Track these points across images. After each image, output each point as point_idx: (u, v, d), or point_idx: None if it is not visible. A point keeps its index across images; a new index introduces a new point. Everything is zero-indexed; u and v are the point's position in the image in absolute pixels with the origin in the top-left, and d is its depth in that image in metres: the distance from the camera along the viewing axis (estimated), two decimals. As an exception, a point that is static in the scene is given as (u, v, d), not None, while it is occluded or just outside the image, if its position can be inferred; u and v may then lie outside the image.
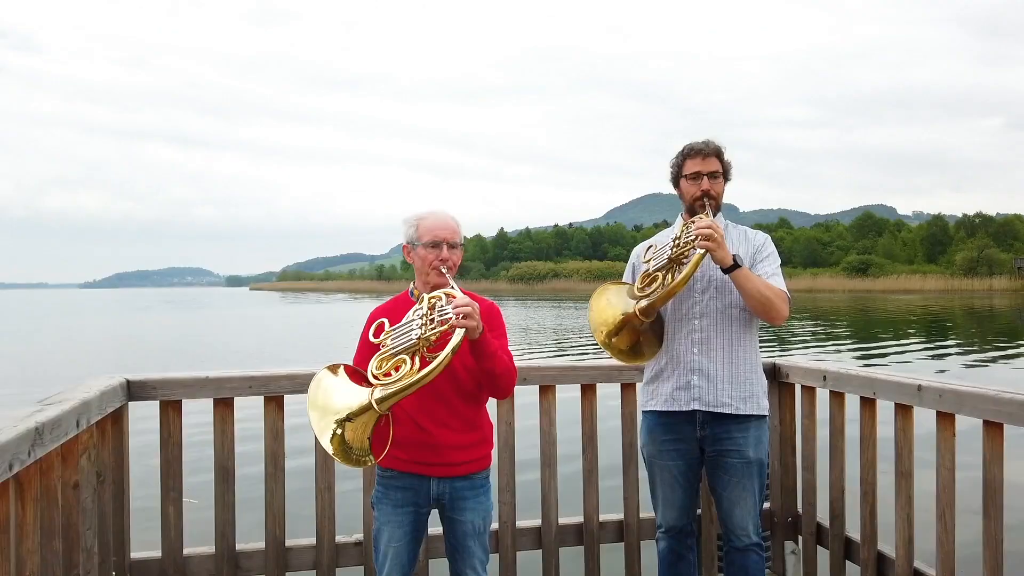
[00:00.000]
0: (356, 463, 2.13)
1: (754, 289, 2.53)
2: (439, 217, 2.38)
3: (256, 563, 3.02)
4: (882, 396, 2.93)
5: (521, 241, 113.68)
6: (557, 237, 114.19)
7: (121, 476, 2.83)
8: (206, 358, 18.26)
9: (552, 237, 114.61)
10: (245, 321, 36.46)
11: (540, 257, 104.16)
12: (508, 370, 2.29)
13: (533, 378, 3.25)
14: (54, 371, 14.85)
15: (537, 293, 75.20)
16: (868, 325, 26.03)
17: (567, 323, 27.89)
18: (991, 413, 2.43)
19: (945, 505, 2.65)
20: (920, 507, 2.85)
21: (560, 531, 3.31)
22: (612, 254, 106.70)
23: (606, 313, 2.63)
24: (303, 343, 22.22)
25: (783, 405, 3.52)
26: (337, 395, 2.08)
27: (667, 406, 2.68)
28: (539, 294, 71.77)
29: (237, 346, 21.87)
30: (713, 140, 2.69)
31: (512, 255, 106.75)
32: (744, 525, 2.66)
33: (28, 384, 12.61)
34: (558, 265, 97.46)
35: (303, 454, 3.31)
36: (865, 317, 30.26)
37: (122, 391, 2.75)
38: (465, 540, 2.36)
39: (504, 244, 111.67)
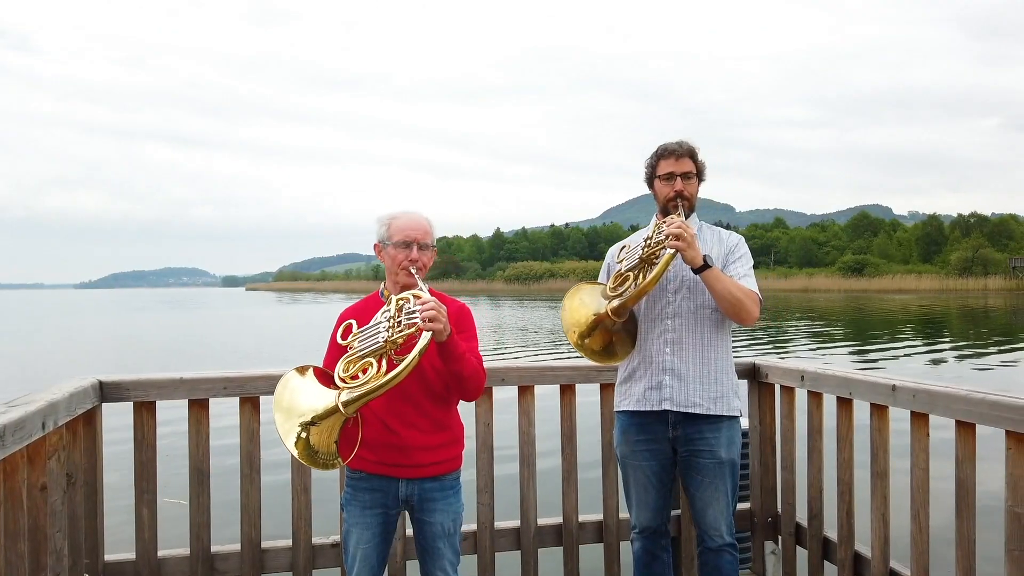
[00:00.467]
0: (323, 466, 2.12)
1: (724, 290, 2.53)
2: (410, 217, 2.37)
3: (232, 565, 3.00)
4: (858, 396, 2.93)
5: (517, 241, 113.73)
6: (553, 237, 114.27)
7: (94, 478, 2.81)
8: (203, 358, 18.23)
9: (548, 237, 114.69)
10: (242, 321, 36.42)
11: (536, 257, 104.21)
12: (476, 372, 2.28)
13: (511, 378, 3.24)
14: (54, 371, 14.80)
15: (533, 293, 75.24)
16: (864, 325, 26.06)
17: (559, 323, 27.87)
18: (962, 413, 2.42)
19: (919, 505, 2.65)
20: (898, 507, 2.85)
21: (539, 532, 3.30)
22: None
23: (578, 313, 2.63)
24: (299, 344, 22.17)
25: (763, 405, 3.52)
26: (303, 397, 2.07)
27: (639, 406, 2.68)
28: (535, 294, 71.83)
29: (233, 346, 21.84)
30: (687, 141, 2.69)
31: (508, 255, 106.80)
32: (717, 526, 2.65)
33: (28, 383, 12.58)
34: (554, 265, 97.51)
35: (279, 455, 3.30)
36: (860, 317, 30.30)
37: (93, 392, 2.74)
38: (435, 541, 2.35)
39: (501, 244, 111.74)
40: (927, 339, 20.45)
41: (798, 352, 16.84)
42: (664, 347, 2.65)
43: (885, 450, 2.83)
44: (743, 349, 17.85)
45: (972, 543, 2.45)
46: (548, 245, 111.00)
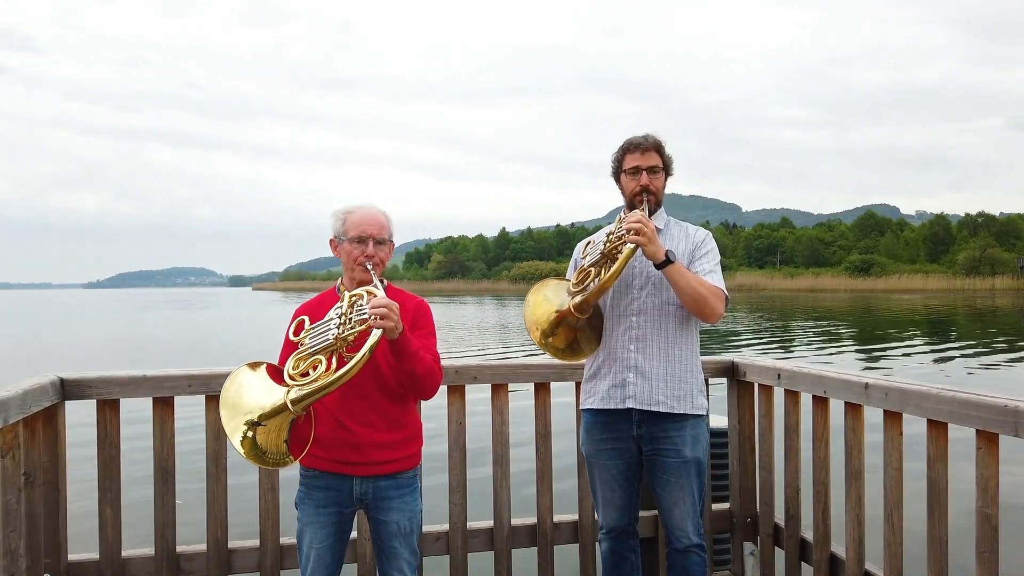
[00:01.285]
0: (273, 465, 2.09)
1: (687, 285, 2.48)
2: (367, 212, 2.32)
3: (198, 565, 2.96)
4: (832, 395, 2.87)
5: (523, 241, 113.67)
6: (559, 237, 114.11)
7: (55, 477, 2.77)
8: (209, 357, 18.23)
9: (554, 237, 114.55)
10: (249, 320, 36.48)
11: (542, 257, 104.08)
12: (430, 371, 2.23)
13: (484, 377, 3.19)
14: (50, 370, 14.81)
15: (538, 293, 74.96)
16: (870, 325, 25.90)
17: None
18: (933, 412, 2.37)
19: (893, 506, 2.59)
20: (875, 507, 2.79)
21: (513, 532, 3.26)
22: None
23: (541, 309, 2.58)
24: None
25: (741, 404, 3.47)
26: (250, 393, 2.03)
27: (603, 404, 2.63)
28: (540, 294, 71.61)
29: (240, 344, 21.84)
30: (653, 134, 2.63)
31: (514, 255, 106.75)
32: (683, 526, 2.60)
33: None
34: (560, 265, 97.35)
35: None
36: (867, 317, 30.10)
37: (53, 389, 2.70)
38: (390, 541, 2.31)
39: (506, 244, 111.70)
40: (934, 339, 20.30)
41: (805, 353, 16.65)
42: (628, 344, 2.60)
43: (860, 449, 2.78)
44: (744, 349, 17.77)
45: (945, 544, 2.40)
46: (554, 245, 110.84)
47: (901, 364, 14.67)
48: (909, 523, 2.61)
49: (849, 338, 20.96)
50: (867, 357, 16.03)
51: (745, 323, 26.60)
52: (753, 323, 26.59)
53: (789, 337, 20.89)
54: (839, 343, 19.26)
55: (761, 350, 17.26)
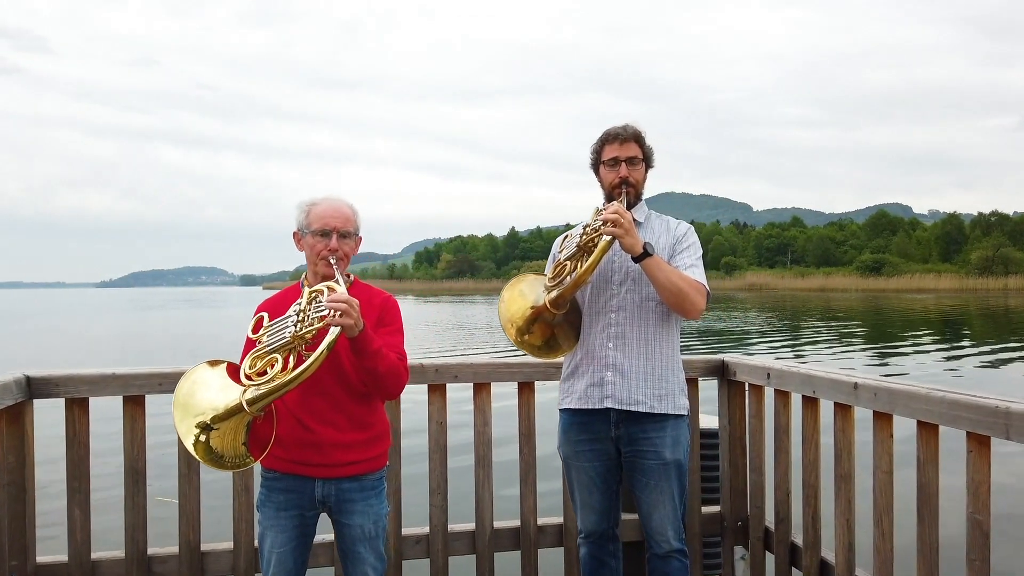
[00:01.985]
0: (233, 468, 2.01)
1: (666, 279, 2.38)
2: (331, 204, 2.24)
3: (170, 568, 2.89)
4: (821, 394, 2.77)
5: (532, 240, 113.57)
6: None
7: (21, 477, 2.71)
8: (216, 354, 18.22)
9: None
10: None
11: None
12: (393, 369, 2.14)
13: (465, 375, 3.11)
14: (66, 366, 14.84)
15: (547, 292, 74.78)
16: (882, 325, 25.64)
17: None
18: (922, 413, 2.27)
19: (882, 510, 2.49)
20: (865, 512, 2.69)
21: (495, 535, 3.17)
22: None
23: (516, 305, 2.48)
24: None
25: (732, 404, 3.37)
26: (204, 393, 1.96)
27: (580, 404, 2.54)
28: (549, 293, 71.46)
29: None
30: (633, 124, 2.54)
31: (523, 254, 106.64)
32: (663, 531, 2.51)
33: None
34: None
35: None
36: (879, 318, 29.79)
37: (17, 388, 2.63)
38: (354, 545, 2.22)
39: (516, 243, 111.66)
40: (947, 339, 20.05)
41: (815, 354, 16.42)
42: (607, 342, 2.50)
43: (849, 452, 2.68)
44: (753, 349, 17.62)
45: (935, 551, 2.30)
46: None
47: (914, 364, 14.46)
48: (901, 528, 2.51)
49: (861, 338, 20.73)
50: (879, 357, 15.82)
51: (755, 323, 26.40)
52: (763, 323, 26.39)
53: (799, 337, 20.69)
54: (850, 343, 19.03)
55: (770, 351, 17.08)
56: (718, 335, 21.29)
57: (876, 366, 14.17)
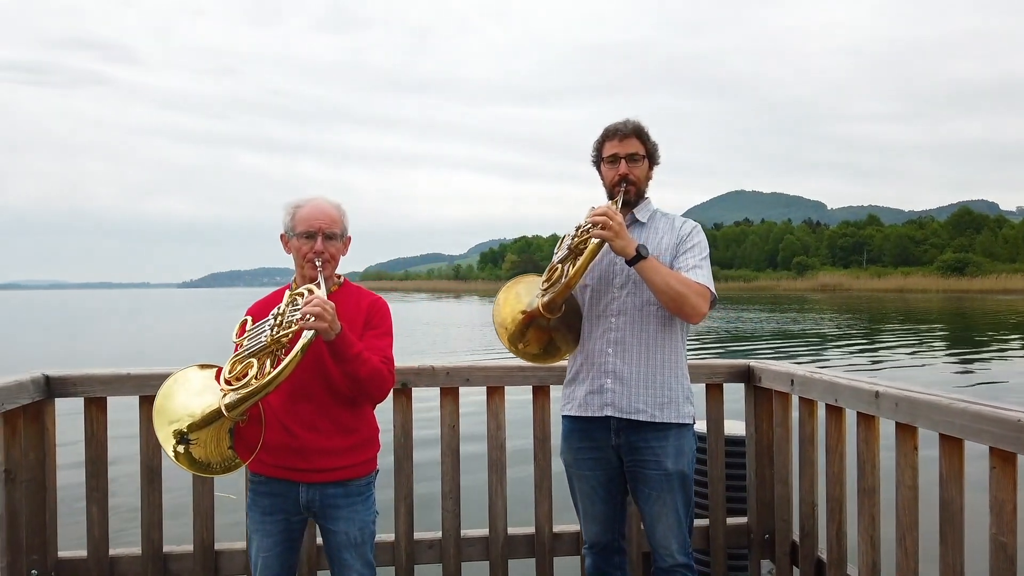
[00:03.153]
0: (223, 472, 2.01)
1: (662, 282, 2.27)
2: (316, 205, 2.22)
3: (185, 566, 2.93)
4: (844, 403, 2.62)
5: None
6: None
7: (42, 474, 2.78)
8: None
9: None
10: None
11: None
12: (375, 374, 2.10)
13: (477, 378, 3.06)
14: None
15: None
16: (965, 328, 24.42)
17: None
18: (944, 425, 2.11)
19: (906, 528, 2.33)
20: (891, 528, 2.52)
21: (509, 541, 3.11)
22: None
23: (508, 308, 2.41)
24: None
25: (759, 412, 3.22)
26: (181, 397, 1.96)
27: (580, 411, 2.45)
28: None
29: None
30: (634, 119, 2.44)
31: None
32: (667, 544, 2.40)
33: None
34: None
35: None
36: (963, 321, 28.34)
37: (35, 387, 2.71)
38: (339, 552, 2.19)
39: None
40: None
41: (892, 359, 15.64)
42: (607, 347, 2.41)
43: (873, 465, 2.52)
44: (828, 354, 17.03)
45: (959, 573, 2.13)
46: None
47: (1000, 370, 13.68)
48: (926, 547, 2.34)
49: (944, 343, 19.72)
50: (960, 363, 15.06)
51: (829, 326, 25.53)
52: (840, 326, 25.47)
53: (877, 341, 19.87)
54: (932, 348, 18.11)
55: (843, 356, 16.41)
56: (792, 338, 20.59)
57: (960, 374, 13.39)
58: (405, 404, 3.04)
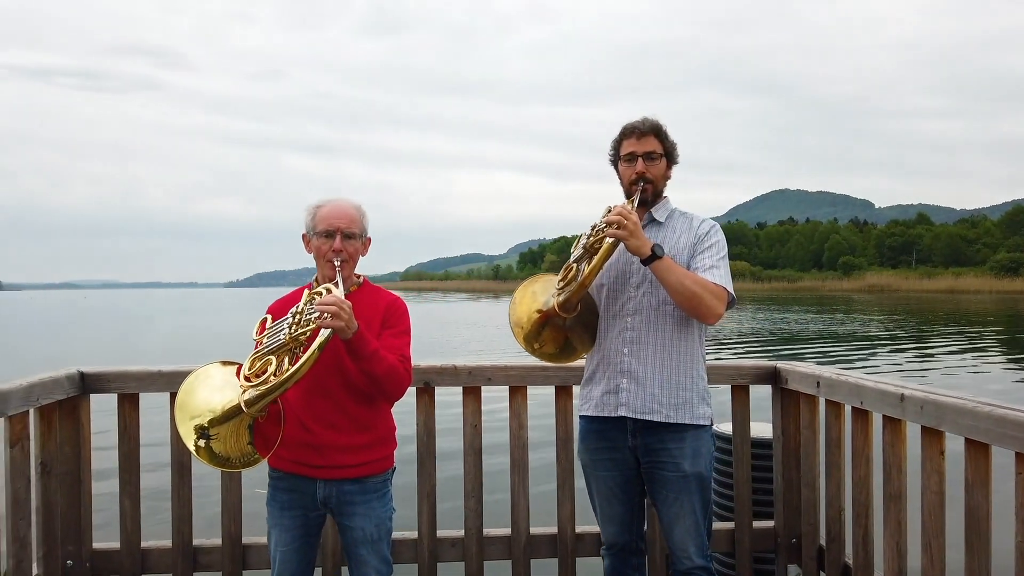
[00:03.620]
0: (243, 467, 2.06)
1: (676, 282, 2.26)
2: (336, 205, 2.26)
3: (214, 559, 3.00)
4: (870, 406, 2.57)
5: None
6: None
7: (77, 467, 2.87)
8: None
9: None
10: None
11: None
12: (392, 372, 2.13)
13: (499, 378, 3.07)
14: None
15: (653, 293, 73.40)
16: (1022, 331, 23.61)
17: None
18: (968, 429, 2.06)
19: (931, 535, 2.28)
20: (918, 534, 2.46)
21: (531, 541, 3.11)
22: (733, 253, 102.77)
23: (523, 307, 2.41)
24: (428, 340, 22.47)
25: (786, 414, 3.17)
26: (202, 392, 2.00)
27: (597, 411, 2.44)
28: (654, 294, 70.11)
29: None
30: (652, 117, 2.43)
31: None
32: (684, 546, 2.38)
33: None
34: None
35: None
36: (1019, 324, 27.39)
37: (70, 383, 2.79)
38: (356, 548, 2.23)
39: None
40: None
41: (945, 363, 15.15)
42: (622, 347, 2.40)
43: (900, 469, 2.46)
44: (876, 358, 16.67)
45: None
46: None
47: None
48: (954, 556, 2.29)
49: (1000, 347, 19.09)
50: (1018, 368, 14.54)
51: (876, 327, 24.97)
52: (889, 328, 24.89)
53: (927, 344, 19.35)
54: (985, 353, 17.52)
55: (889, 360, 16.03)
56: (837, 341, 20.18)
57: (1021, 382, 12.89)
58: (428, 403, 3.06)
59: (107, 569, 2.95)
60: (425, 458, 3.06)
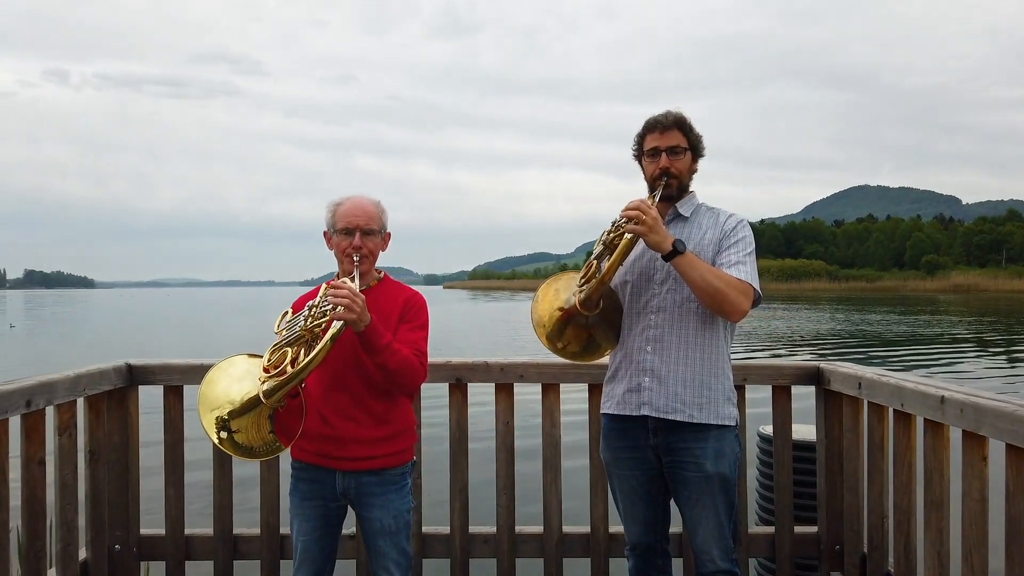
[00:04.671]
0: (267, 455, 2.12)
1: (700, 278, 2.19)
2: (355, 203, 2.29)
3: (253, 548, 3.08)
4: (911, 408, 2.45)
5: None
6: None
7: (125, 456, 2.99)
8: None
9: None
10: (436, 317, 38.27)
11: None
12: (406, 365, 2.14)
13: (531, 375, 3.06)
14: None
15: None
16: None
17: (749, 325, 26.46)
18: (1009, 434, 1.94)
19: (972, 545, 2.16)
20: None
21: (564, 540, 3.09)
22: (808, 251, 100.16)
23: (545, 305, 2.38)
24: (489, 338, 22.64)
25: (829, 416, 3.06)
26: (222, 383, 2.07)
27: (619, 409, 2.40)
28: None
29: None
30: (676, 110, 2.37)
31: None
32: (707, 548, 2.31)
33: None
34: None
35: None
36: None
37: (116, 374, 2.91)
38: (374, 539, 2.25)
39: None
40: None
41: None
42: (645, 345, 2.35)
43: (942, 475, 2.34)
44: (965, 362, 15.94)
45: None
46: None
47: None
48: (997, 567, 2.16)
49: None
50: None
51: (968, 329, 23.83)
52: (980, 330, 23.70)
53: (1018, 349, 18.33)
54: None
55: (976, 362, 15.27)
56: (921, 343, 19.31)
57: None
58: (460, 399, 3.08)
59: (153, 555, 3.07)
60: (458, 454, 3.08)
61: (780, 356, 16.62)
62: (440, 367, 3.05)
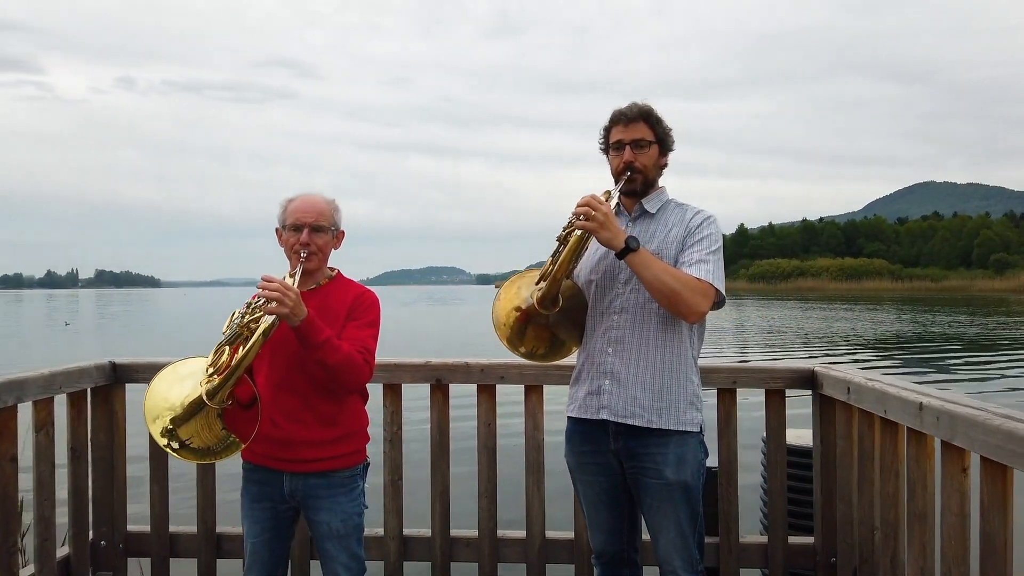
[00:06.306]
0: (227, 454, 2.11)
1: (652, 277, 2.09)
2: (304, 199, 2.26)
3: (236, 547, 3.07)
4: (893, 415, 2.30)
5: (763, 238, 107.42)
6: (804, 233, 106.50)
7: (111, 454, 3.03)
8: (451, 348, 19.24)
9: (799, 233, 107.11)
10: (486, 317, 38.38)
11: (784, 254, 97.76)
12: (346, 362, 2.09)
13: (512, 376, 2.99)
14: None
15: (780, 292, 70.77)
16: None
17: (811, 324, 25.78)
18: (982, 445, 1.80)
19: (952, 562, 2.01)
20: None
21: (547, 545, 3.02)
22: (869, 250, 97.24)
23: (505, 304, 2.31)
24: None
25: (825, 422, 2.92)
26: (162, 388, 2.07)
27: (580, 413, 2.31)
28: (782, 293, 67.52)
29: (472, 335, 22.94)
30: (642, 102, 2.27)
31: (752, 252, 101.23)
32: (669, 559, 2.21)
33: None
34: (804, 263, 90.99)
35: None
36: None
37: (99, 372, 2.95)
38: (323, 542, 2.22)
39: (744, 241, 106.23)
40: None
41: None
42: (607, 347, 2.25)
43: (925, 487, 2.20)
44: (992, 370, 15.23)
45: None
46: (798, 241, 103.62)
47: None
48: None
49: None
50: None
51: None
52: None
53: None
54: None
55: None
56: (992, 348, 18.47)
57: None
58: (441, 401, 3.03)
59: (138, 551, 3.10)
60: (438, 457, 3.03)
61: (856, 362, 15.71)
62: (420, 368, 3.01)
